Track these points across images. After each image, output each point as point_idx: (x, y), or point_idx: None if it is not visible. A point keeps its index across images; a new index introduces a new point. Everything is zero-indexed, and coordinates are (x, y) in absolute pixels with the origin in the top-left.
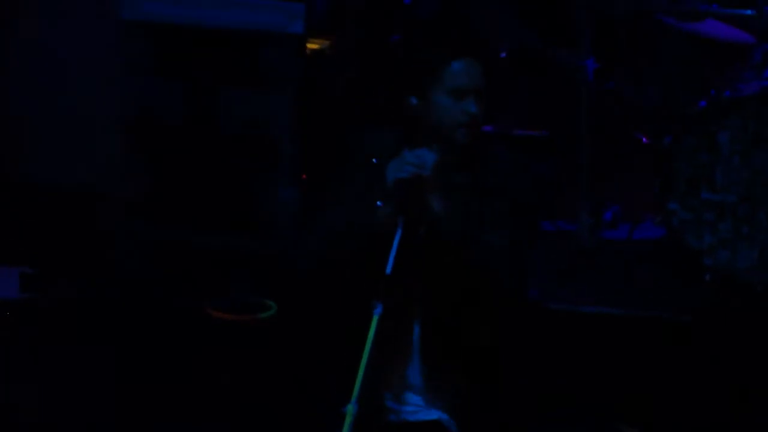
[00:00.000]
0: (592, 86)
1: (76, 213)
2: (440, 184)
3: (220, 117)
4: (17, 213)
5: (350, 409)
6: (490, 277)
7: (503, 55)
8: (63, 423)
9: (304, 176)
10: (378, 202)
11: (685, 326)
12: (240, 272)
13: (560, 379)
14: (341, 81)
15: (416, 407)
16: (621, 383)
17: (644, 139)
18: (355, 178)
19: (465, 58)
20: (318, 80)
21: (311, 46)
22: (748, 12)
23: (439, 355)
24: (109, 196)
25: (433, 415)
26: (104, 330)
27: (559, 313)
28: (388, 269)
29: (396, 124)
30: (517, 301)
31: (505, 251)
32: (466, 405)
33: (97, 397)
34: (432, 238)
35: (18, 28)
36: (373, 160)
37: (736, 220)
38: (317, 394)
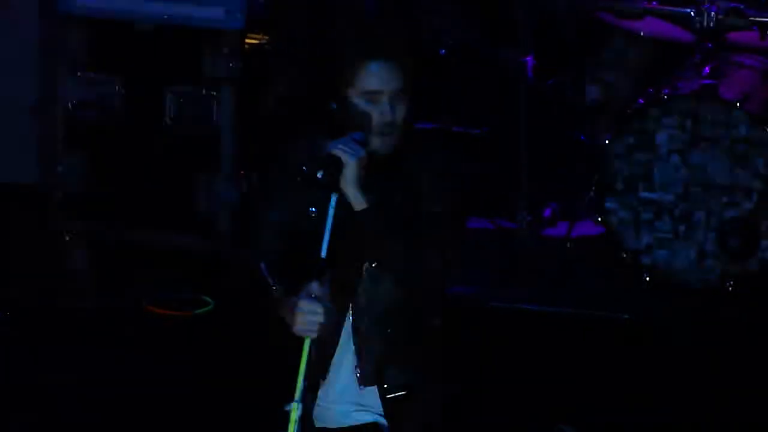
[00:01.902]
0: (531, 84)
1: (13, 211)
2: (358, 181)
3: (159, 113)
4: None
5: (294, 406)
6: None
7: (443, 51)
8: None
9: (242, 173)
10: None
11: (623, 325)
12: (179, 269)
13: (499, 377)
14: (281, 77)
15: (351, 408)
16: (559, 382)
17: (582, 137)
18: (283, 182)
19: (378, 60)
20: (257, 76)
21: (250, 41)
22: (688, 10)
23: (373, 351)
24: (46, 192)
25: (368, 417)
26: (39, 328)
27: (498, 312)
28: (323, 252)
29: (322, 125)
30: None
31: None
32: (399, 405)
33: (34, 396)
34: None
35: None
36: (303, 168)
37: (673, 219)
38: (258, 391)
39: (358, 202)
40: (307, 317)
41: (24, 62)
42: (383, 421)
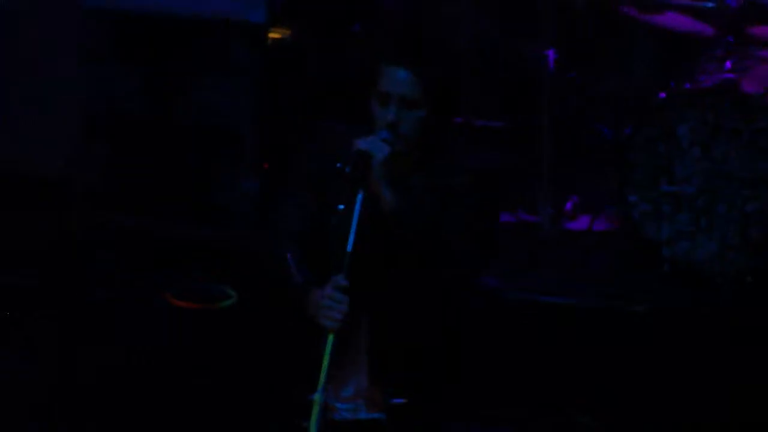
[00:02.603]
0: (553, 77)
1: (37, 201)
2: (387, 179)
3: (182, 106)
4: None
5: (317, 397)
6: (448, 273)
7: (464, 44)
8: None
9: (265, 166)
10: (338, 164)
11: (643, 317)
12: (202, 262)
13: (518, 368)
14: (303, 71)
15: (357, 405)
16: (580, 373)
17: (604, 130)
18: (306, 175)
19: (395, 65)
20: (280, 70)
21: (273, 35)
22: (709, 4)
23: (386, 351)
24: (69, 184)
25: (374, 414)
26: (65, 318)
27: (519, 303)
28: (349, 246)
29: (352, 116)
30: (470, 296)
31: (465, 250)
32: (406, 405)
33: (59, 385)
34: (388, 233)
35: None
36: (338, 164)
37: (694, 211)
38: (280, 383)
39: (389, 199)
40: (333, 308)
41: (46, 56)
42: (386, 417)
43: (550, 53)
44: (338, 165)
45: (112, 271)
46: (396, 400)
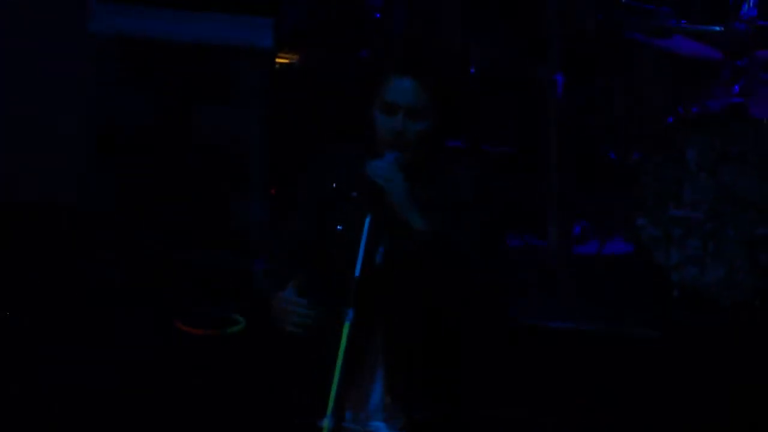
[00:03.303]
0: (561, 101)
1: (46, 226)
2: (410, 202)
3: (190, 131)
4: None
5: (326, 423)
6: (465, 288)
7: (472, 69)
8: None
9: (273, 191)
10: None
11: (653, 342)
12: (211, 286)
13: (528, 394)
14: (310, 95)
15: (377, 425)
16: (589, 399)
17: (612, 155)
18: (311, 197)
19: (400, 75)
20: (287, 94)
21: (280, 60)
22: (717, 28)
23: (405, 366)
24: (78, 209)
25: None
26: (72, 343)
27: (527, 329)
28: (357, 272)
29: (358, 139)
30: (498, 317)
31: (478, 261)
32: (426, 425)
33: (65, 411)
34: (400, 251)
35: None
36: (333, 184)
37: (703, 236)
38: (289, 409)
39: (414, 221)
40: (291, 312)
41: (57, 81)
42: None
43: (559, 78)
44: (334, 185)
45: (120, 294)
46: (418, 415)
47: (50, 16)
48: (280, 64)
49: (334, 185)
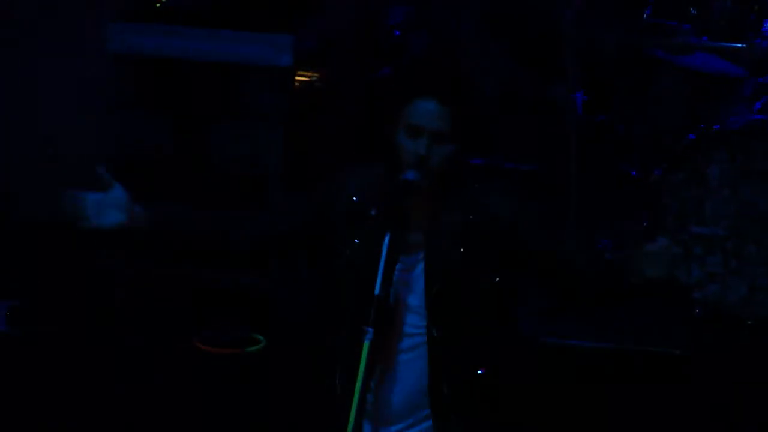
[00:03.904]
0: (582, 120)
1: (65, 248)
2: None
3: (208, 150)
4: (7, 249)
5: None
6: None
7: (492, 88)
8: None
9: None
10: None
11: (674, 360)
12: (229, 306)
13: (549, 413)
14: (330, 115)
15: None
16: (611, 418)
17: (633, 173)
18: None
19: (426, 98)
20: (306, 113)
21: (300, 78)
22: (739, 45)
23: (426, 383)
24: (98, 232)
25: None
26: (93, 362)
27: (548, 347)
28: (377, 290)
29: (379, 158)
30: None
31: (493, 287)
32: None
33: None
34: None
35: (1, 60)
36: (353, 198)
37: (725, 254)
38: (309, 428)
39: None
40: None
41: (69, 99)
42: None
43: (579, 95)
44: (354, 199)
45: (140, 315)
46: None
47: (69, 35)
48: (300, 82)
49: (354, 199)
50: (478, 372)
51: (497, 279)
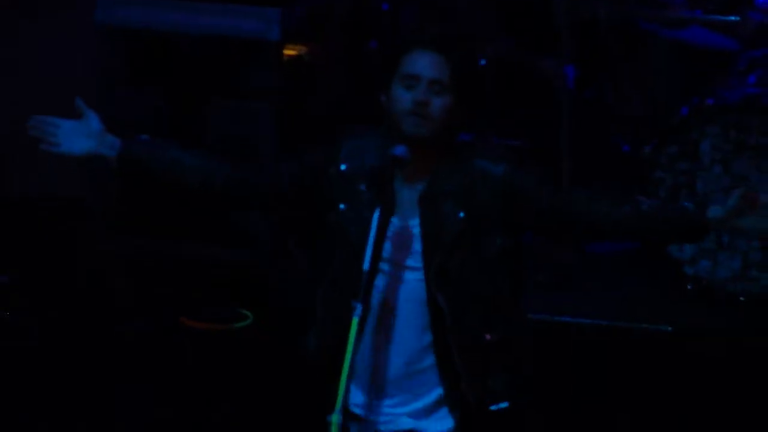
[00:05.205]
0: (573, 94)
1: (56, 226)
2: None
3: (197, 124)
4: None
5: (335, 418)
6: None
7: (483, 62)
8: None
9: None
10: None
11: (666, 337)
12: (218, 283)
13: (539, 390)
14: (320, 88)
15: (388, 416)
16: (603, 393)
17: (625, 147)
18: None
19: (422, 48)
20: (297, 87)
21: (288, 52)
22: (733, 18)
23: (428, 340)
24: (87, 208)
25: (407, 424)
26: (83, 339)
27: (540, 324)
28: (366, 264)
29: (373, 127)
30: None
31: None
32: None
33: (73, 407)
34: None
35: None
36: (342, 167)
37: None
38: (297, 404)
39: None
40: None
41: (63, 76)
42: (419, 426)
43: (570, 70)
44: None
45: (128, 292)
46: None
47: (56, 6)
48: (288, 56)
49: (343, 168)
50: (486, 337)
51: (500, 242)
